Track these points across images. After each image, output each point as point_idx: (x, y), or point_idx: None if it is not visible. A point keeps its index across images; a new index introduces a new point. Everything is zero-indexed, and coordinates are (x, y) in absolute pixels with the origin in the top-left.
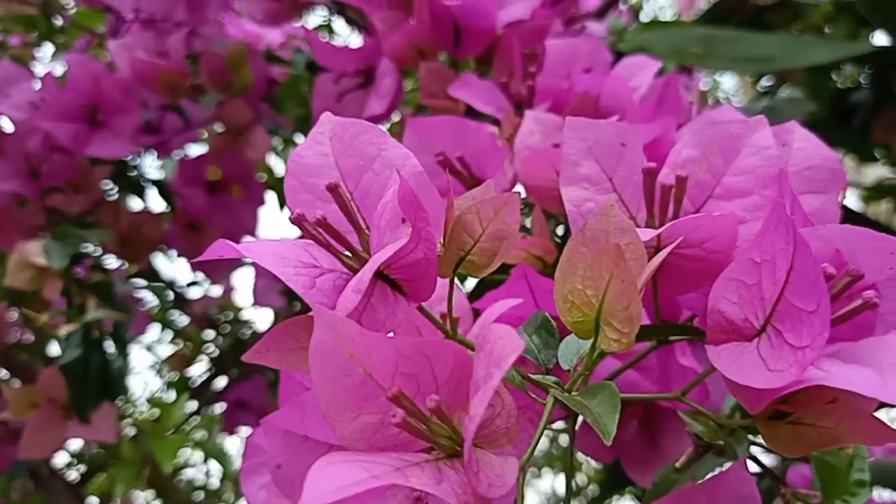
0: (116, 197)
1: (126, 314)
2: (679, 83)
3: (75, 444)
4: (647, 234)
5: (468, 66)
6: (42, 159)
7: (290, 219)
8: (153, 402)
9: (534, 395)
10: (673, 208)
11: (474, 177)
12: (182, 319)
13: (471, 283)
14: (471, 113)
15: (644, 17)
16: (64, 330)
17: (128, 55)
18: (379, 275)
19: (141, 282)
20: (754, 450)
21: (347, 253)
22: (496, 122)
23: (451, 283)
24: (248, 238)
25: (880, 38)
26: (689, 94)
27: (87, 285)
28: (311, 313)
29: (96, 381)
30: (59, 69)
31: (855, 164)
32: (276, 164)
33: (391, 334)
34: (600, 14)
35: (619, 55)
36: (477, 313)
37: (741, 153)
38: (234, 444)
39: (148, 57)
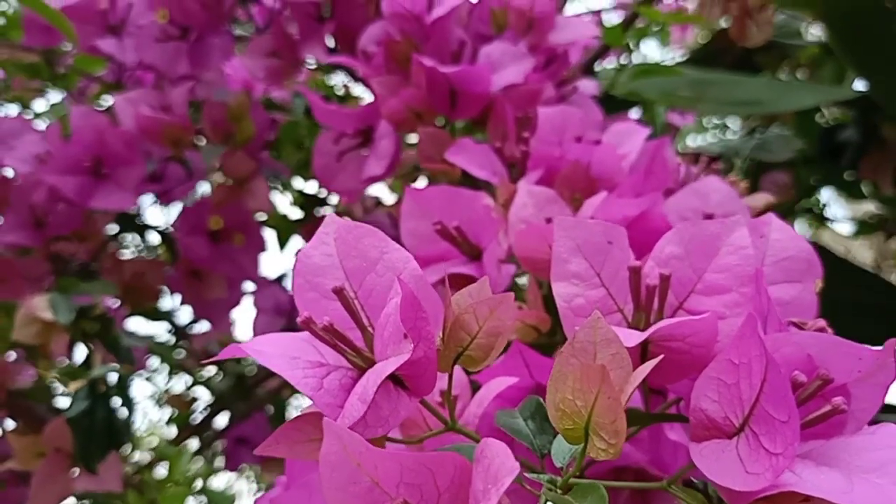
0: (119, 245)
1: (131, 366)
2: (667, 149)
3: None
4: (632, 341)
5: (464, 128)
6: (47, 210)
7: (298, 321)
8: (159, 452)
9: (529, 487)
10: (658, 303)
11: (470, 244)
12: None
13: None
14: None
15: (638, 57)
16: (72, 387)
17: (132, 110)
18: None
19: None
20: None
21: (352, 352)
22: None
23: (451, 377)
24: (249, 284)
25: (861, 83)
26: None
27: (91, 335)
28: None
29: (102, 433)
30: (60, 109)
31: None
32: (277, 201)
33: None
34: (591, 64)
35: (611, 99)
36: (475, 387)
37: (720, 251)
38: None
39: (152, 112)
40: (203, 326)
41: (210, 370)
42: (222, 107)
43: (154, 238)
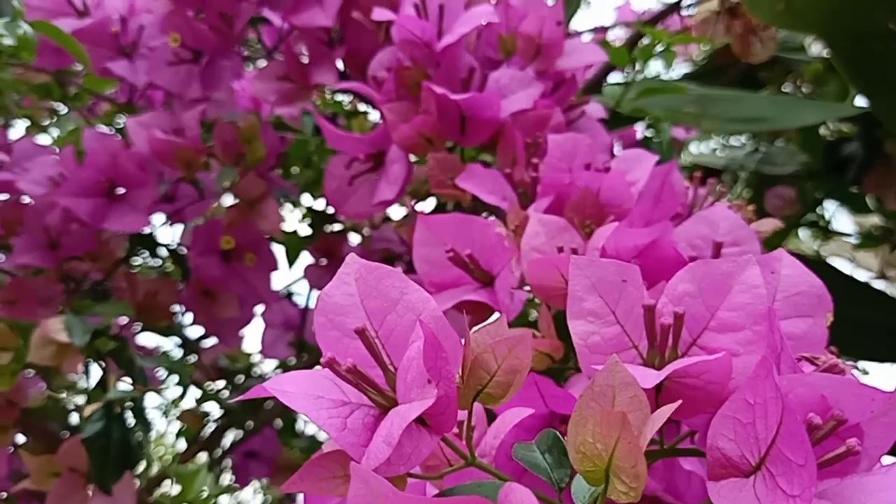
0: (131, 264)
1: (144, 386)
2: (675, 175)
3: None
4: (649, 382)
5: (472, 152)
6: (61, 231)
7: (321, 362)
8: (174, 473)
9: None
10: (672, 340)
11: (482, 270)
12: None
13: None
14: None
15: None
16: (88, 410)
17: (145, 133)
18: None
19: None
20: None
21: (375, 392)
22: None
23: (470, 414)
24: (259, 304)
25: (862, 99)
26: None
27: (105, 354)
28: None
29: (118, 454)
30: (66, 123)
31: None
32: (286, 218)
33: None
34: (598, 82)
35: (616, 115)
36: (490, 415)
37: (733, 290)
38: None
39: (165, 135)
40: (212, 340)
41: (218, 384)
42: (233, 128)
43: (163, 253)
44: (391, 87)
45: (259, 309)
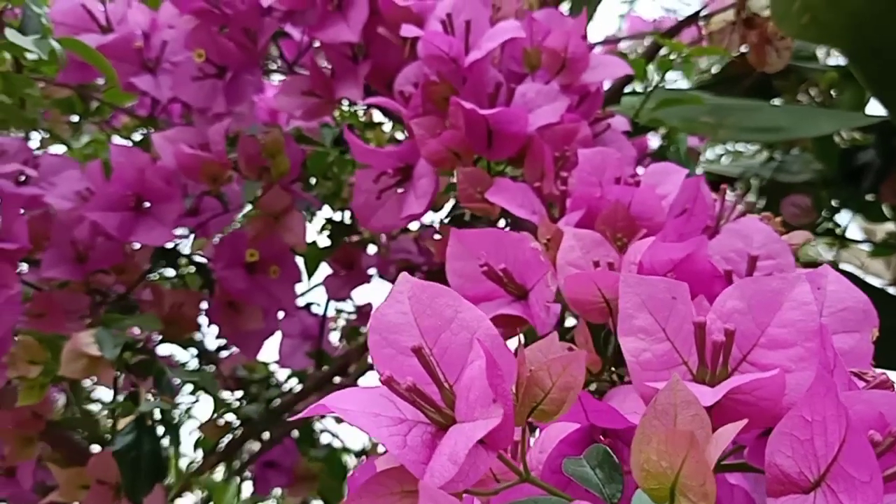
0: (158, 277)
1: (173, 398)
2: (704, 189)
3: None
4: (708, 400)
5: (501, 166)
6: (88, 245)
7: (380, 380)
8: (203, 483)
9: None
10: (723, 357)
11: (516, 284)
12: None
13: None
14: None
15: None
16: (122, 423)
17: (171, 147)
18: None
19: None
20: None
21: (432, 410)
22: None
23: (524, 431)
24: (281, 314)
25: (877, 106)
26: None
27: (133, 367)
28: (394, 461)
29: (148, 466)
30: (84, 139)
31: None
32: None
33: None
34: (617, 93)
35: (632, 126)
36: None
37: (783, 306)
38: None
39: (191, 150)
40: (229, 350)
41: (235, 394)
42: (256, 142)
43: (185, 265)
44: (418, 102)
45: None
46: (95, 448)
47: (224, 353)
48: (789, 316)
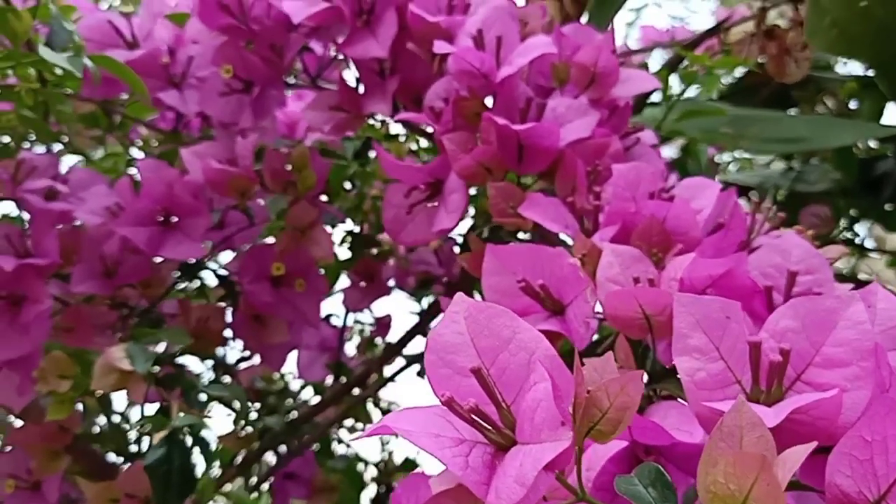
0: (183, 292)
1: (201, 412)
2: (738, 205)
3: None
4: (772, 421)
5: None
6: (117, 260)
7: (441, 401)
8: (232, 497)
9: None
10: (778, 376)
11: (553, 299)
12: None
13: None
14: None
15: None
16: (157, 438)
17: (199, 163)
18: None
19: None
20: None
21: (493, 431)
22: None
23: (580, 450)
24: (309, 329)
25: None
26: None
27: (162, 381)
28: (452, 481)
29: (178, 480)
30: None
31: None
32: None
33: None
34: (637, 106)
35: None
36: None
37: (838, 326)
38: None
39: (220, 165)
40: (247, 362)
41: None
42: (282, 156)
43: (208, 278)
44: (449, 118)
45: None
46: (111, 457)
47: (242, 365)
48: (844, 335)
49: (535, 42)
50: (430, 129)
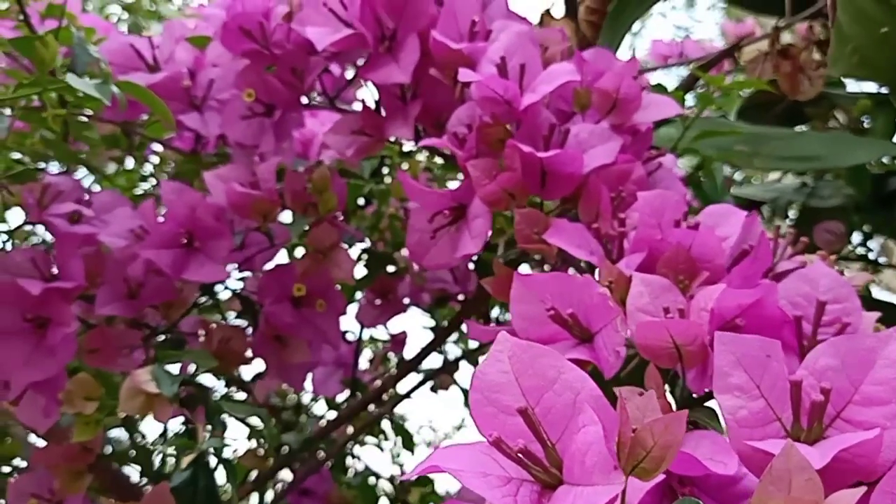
0: (206, 313)
1: (223, 433)
2: (764, 232)
3: None
4: (819, 463)
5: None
6: (140, 282)
7: (489, 441)
8: None
9: None
10: (818, 414)
11: (581, 327)
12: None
13: None
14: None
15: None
16: (185, 460)
17: (223, 185)
18: None
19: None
20: None
21: (540, 470)
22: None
23: (625, 490)
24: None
25: None
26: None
27: (186, 402)
28: None
29: (204, 501)
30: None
31: None
32: None
33: None
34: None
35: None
36: None
37: (877, 364)
38: None
39: (243, 188)
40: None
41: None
42: (302, 177)
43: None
44: (473, 144)
45: None
46: (130, 472)
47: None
48: (883, 374)
49: (558, 69)
50: (434, 145)
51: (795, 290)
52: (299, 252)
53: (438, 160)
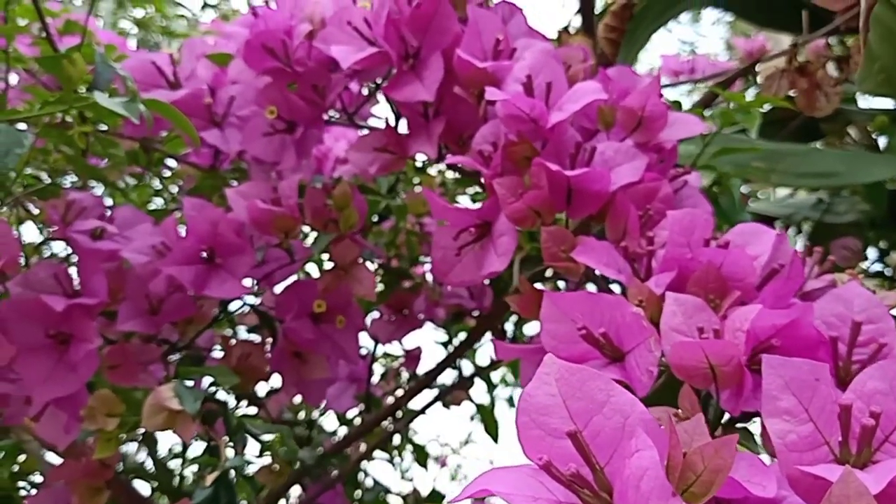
0: (227, 330)
1: (243, 450)
2: (796, 252)
3: None
4: (876, 489)
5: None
6: (161, 298)
7: (538, 465)
8: None
9: None
10: (868, 438)
11: (613, 346)
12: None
13: None
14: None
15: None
16: (209, 478)
17: (244, 202)
18: None
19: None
20: None
21: (590, 495)
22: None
23: None
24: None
25: None
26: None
27: (207, 418)
28: None
29: None
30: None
31: None
32: None
33: None
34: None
35: None
36: None
37: None
38: None
39: (265, 205)
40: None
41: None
42: (322, 193)
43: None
44: (498, 162)
45: None
46: (141, 487)
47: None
48: None
49: (585, 88)
50: (460, 163)
51: (830, 310)
52: (312, 268)
53: (450, 175)
